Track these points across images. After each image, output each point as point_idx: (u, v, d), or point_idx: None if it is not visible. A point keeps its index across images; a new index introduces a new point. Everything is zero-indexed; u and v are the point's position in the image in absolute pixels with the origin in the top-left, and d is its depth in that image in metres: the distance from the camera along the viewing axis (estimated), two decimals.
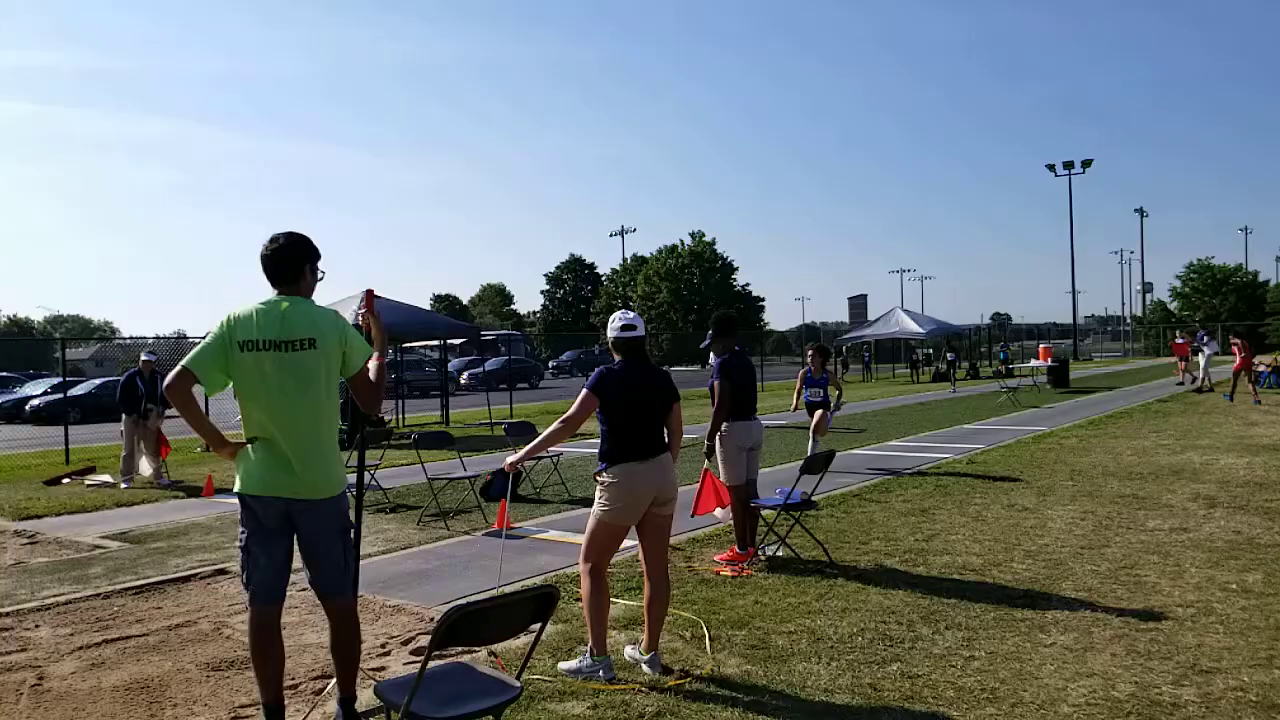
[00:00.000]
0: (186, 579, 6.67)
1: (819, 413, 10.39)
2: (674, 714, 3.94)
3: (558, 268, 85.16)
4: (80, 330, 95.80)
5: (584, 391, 4.38)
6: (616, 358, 4.50)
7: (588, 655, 4.38)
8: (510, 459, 4.67)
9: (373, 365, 3.76)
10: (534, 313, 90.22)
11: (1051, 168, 60.90)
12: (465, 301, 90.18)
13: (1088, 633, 4.90)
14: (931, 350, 45.54)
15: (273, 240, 3.67)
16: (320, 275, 3.80)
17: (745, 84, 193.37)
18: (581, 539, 7.38)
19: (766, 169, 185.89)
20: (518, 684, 3.07)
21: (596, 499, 4.42)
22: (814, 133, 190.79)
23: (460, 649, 4.59)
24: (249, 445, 3.57)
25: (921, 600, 5.58)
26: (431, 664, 2.92)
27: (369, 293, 4.11)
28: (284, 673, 3.72)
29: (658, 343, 52.07)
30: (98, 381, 29.84)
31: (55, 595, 6.27)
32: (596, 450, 4.59)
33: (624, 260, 77.98)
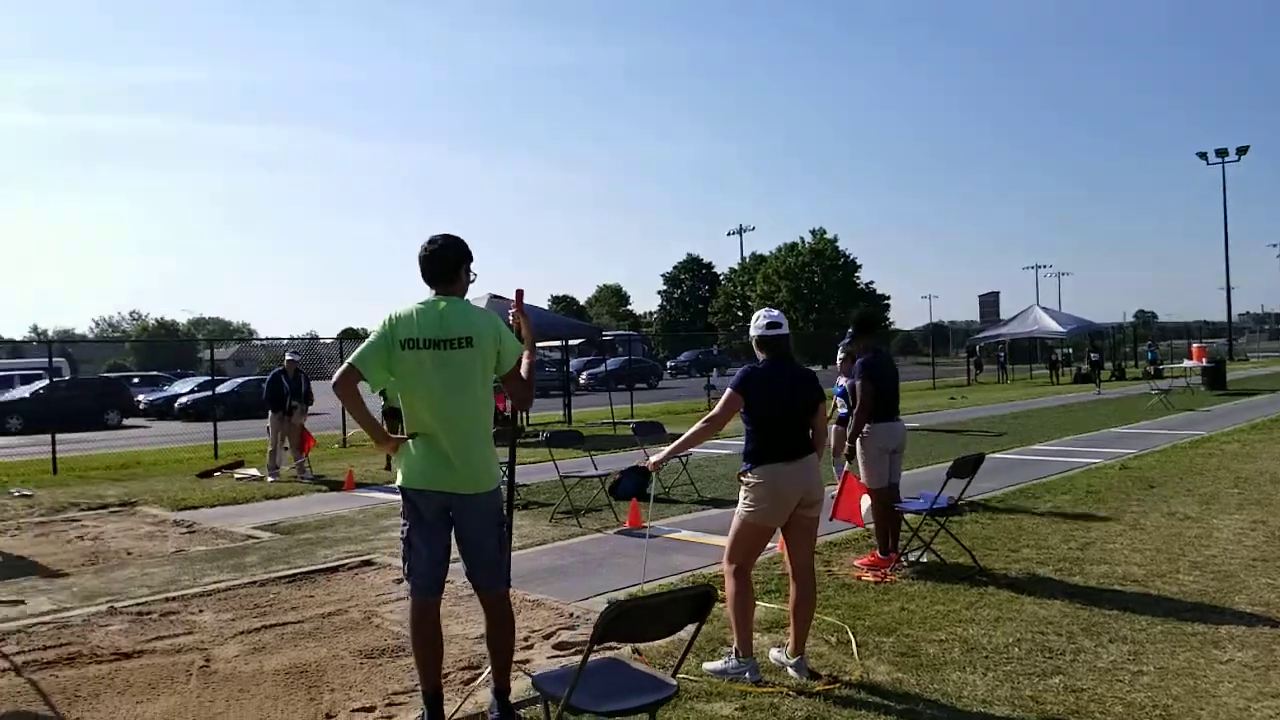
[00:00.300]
0: (335, 569, 6.99)
1: (833, 428, 8.72)
2: (825, 719, 3.89)
3: (675, 267, 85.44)
4: (220, 332, 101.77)
5: (728, 391, 4.37)
6: (760, 356, 4.47)
7: (733, 656, 4.36)
8: (653, 458, 4.69)
9: (524, 363, 3.86)
10: (650, 313, 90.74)
11: (1203, 155, 57.33)
12: (582, 302, 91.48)
13: (1269, 650, 4.59)
14: (1070, 350, 43.57)
15: (431, 242, 3.80)
16: (473, 277, 3.92)
17: (873, 72, 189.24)
18: (715, 539, 7.41)
19: (892, 162, 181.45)
20: (673, 682, 3.08)
21: (741, 499, 4.40)
22: (945, 122, 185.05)
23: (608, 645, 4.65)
24: (409, 441, 3.71)
25: (1080, 611, 5.34)
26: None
27: (519, 292, 4.20)
28: (455, 660, 3.85)
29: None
30: (239, 380, 31.67)
31: (215, 582, 6.67)
32: (724, 450, 4.58)
33: (742, 259, 77.58)
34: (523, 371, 3.84)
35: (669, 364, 54.49)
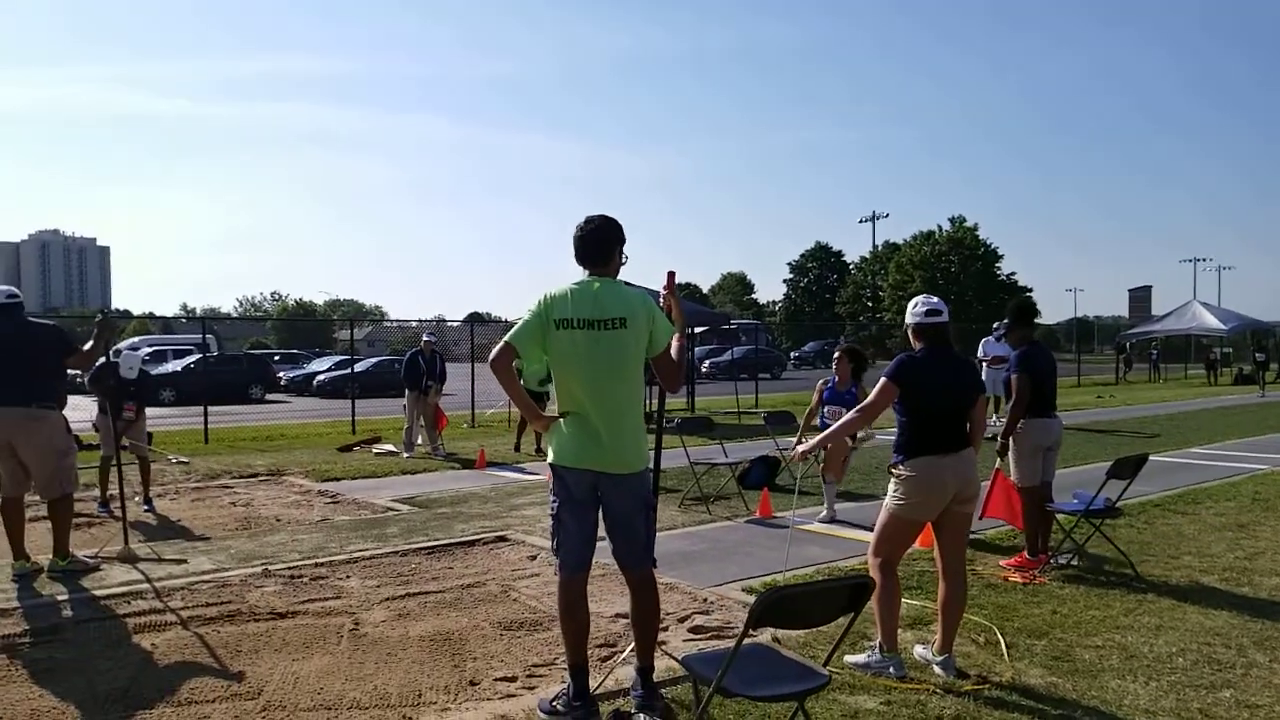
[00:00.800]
0: (471, 543, 7.24)
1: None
2: (974, 718, 3.80)
3: (802, 255, 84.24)
4: (354, 313, 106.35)
5: (883, 380, 4.30)
6: (917, 345, 4.38)
7: (877, 651, 4.31)
8: (800, 447, 4.65)
9: (674, 345, 3.90)
10: (775, 302, 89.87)
11: None
12: (705, 290, 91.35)
13: None
14: (1230, 350, 40.93)
15: (587, 222, 3.87)
16: (625, 259, 3.97)
17: (1019, 58, 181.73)
18: (848, 532, 7.32)
19: (1039, 150, 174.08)
20: (825, 673, 3.07)
21: (890, 492, 4.33)
22: (1098, 110, 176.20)
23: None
24: (561, 419, 3.80)
25: (1251, 623, 5.04)
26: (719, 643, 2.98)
27: (671, 274, 4.23)
28: (589, 637, 3.94)
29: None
30: (372, 360, 33.02)
31: (360, 550, 7.01)
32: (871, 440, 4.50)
33: (874, 247, 75.83)
34: (673, 353, 3.88)
35: (793, 354, 53.91)
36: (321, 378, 31.80)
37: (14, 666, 4.54)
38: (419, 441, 13.41)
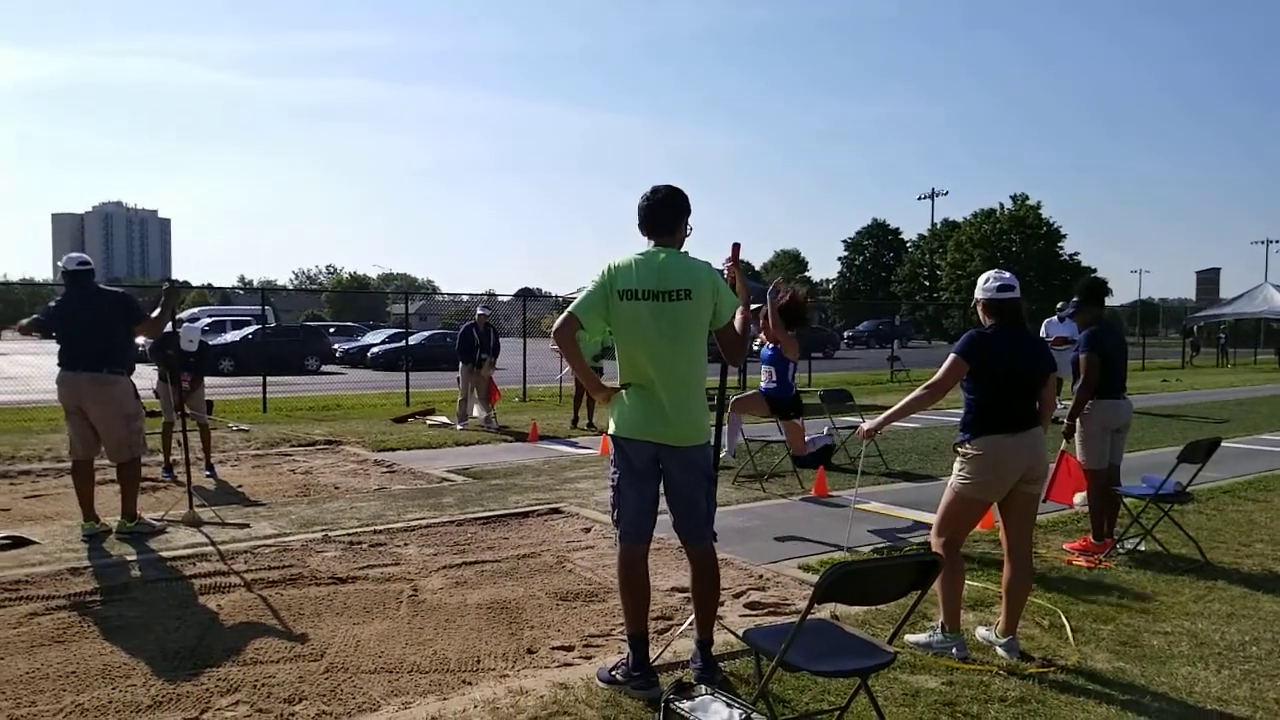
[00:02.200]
0: (526, 515, 7.31)
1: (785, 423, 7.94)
2: (1039, 702, 3.75)
3: (858, 233, 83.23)
4: (407, 287, 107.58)
5: (951, 356, 4.22)
6: (987, 321, 4.29)
7: (938, 630, 4.27)
8: (866, 425, 4.59)
9: (738, 318, 3.87)
10: (829, 280, 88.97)
11: None
12: (758, 267, 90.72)
13: None
14: None
15: (654, 192, 3.84)
16: (689, 230, 3.95)
17: (1087, 29, 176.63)
18: (906, 512, 7.25)
19: (1104, 124, 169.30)
20: (890, 650, 3.05)
21: (956, 471, 4.27)
22: (1167, 80, 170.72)
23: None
24: (623, 390, 3.80)
25: None
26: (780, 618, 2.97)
27: (735, 246, 4.19)
28: (649, 607, 3.96)
29: (966, 315, 49.46)
30: (425, 334, 33.37)
31: (417, 519, 7.11)
32: (911, 425, 4.43)
33: (933, 225, 74.61)
34: (737, 327, 3.85)
35: (846, 334, 53.38)
36: (375, 350, 32.24)
37: (85, 623, 4.70)
38: (473, 414, 13.55)
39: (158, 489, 8.34)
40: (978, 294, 4.32)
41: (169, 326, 7.36)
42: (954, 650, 4.18)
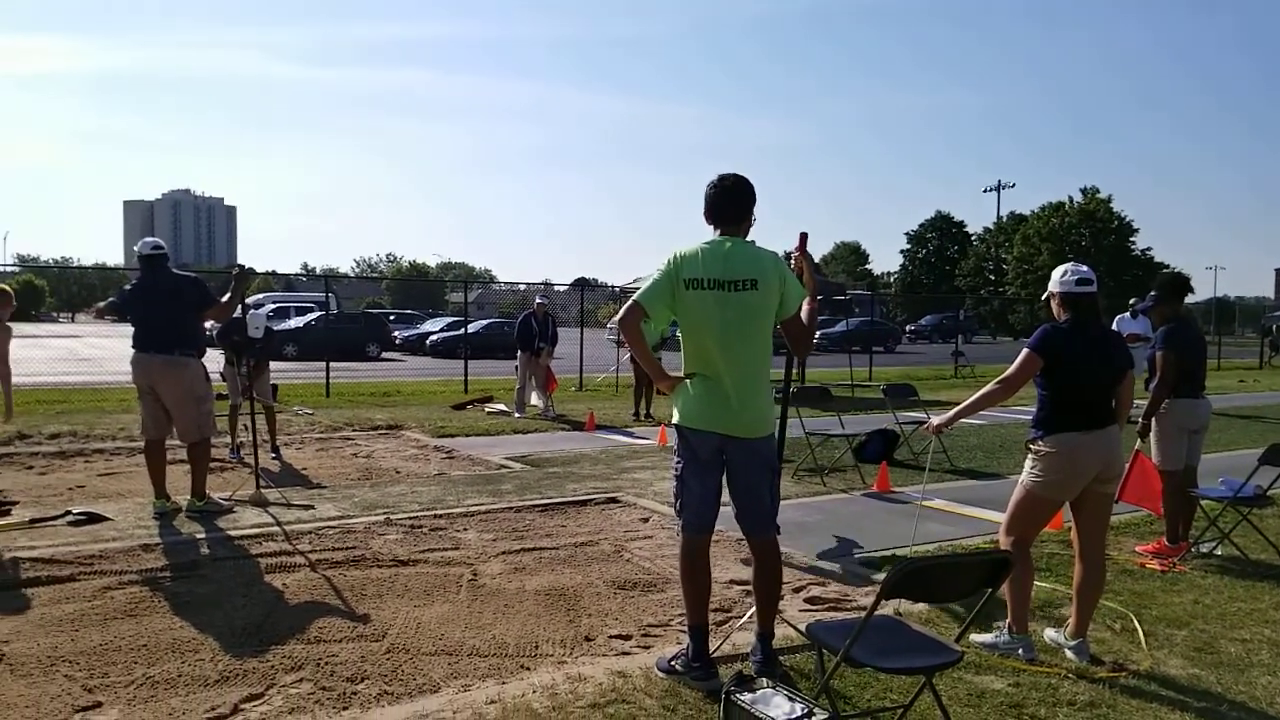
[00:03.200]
0: (584, 503, 7.34)
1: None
2: (1110, 707, 3.66)
3: (921, 225, 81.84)
4: (464, 276, 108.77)
5: (1025, 351, 4.12)
6: (1062, 315, 4.18)
7: (1005, 631, 4.19)
8: (935, 420, 4.50)
9: (805, 309, 3.83)
10: (890, 273, 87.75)
11: None
12: (818, 259, 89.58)
13: None
14: None
15: (722, 179, 3.80)
16: (754, 219, 3.91)
17: (1158, 17, 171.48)
18: (971, 510, 7.13)
19: (1178, 116, 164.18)
20: (958, 649, 3.00)
21: (1028, 469, 4.18)
22: (1238, 70, 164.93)
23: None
24: (687, 380, 3.78)
25: None
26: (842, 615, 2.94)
27: (803, 236, 4.15)
28: (710, 598, 3.95)
29: (1033, 311, 48.48)
30: (482, 322, 33.74)
31: (476, 504, 7.19)
32: (978, 421, 4.32)
33: (998, 218, 73.11)
34: (804, 318, 3.81)
35: (909, 328, 52.65)
36: (434, 338, 32.70)
37: (156, 598, 4.84)
38: (531, 401, 13.65)
39: (225, 470, 8.55)
40: (1053, 287, 4.21)
41: (237, 312, 7.53)
42: (1021, 651, 4.10)
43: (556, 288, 35.42)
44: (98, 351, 28.80)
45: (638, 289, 3.83)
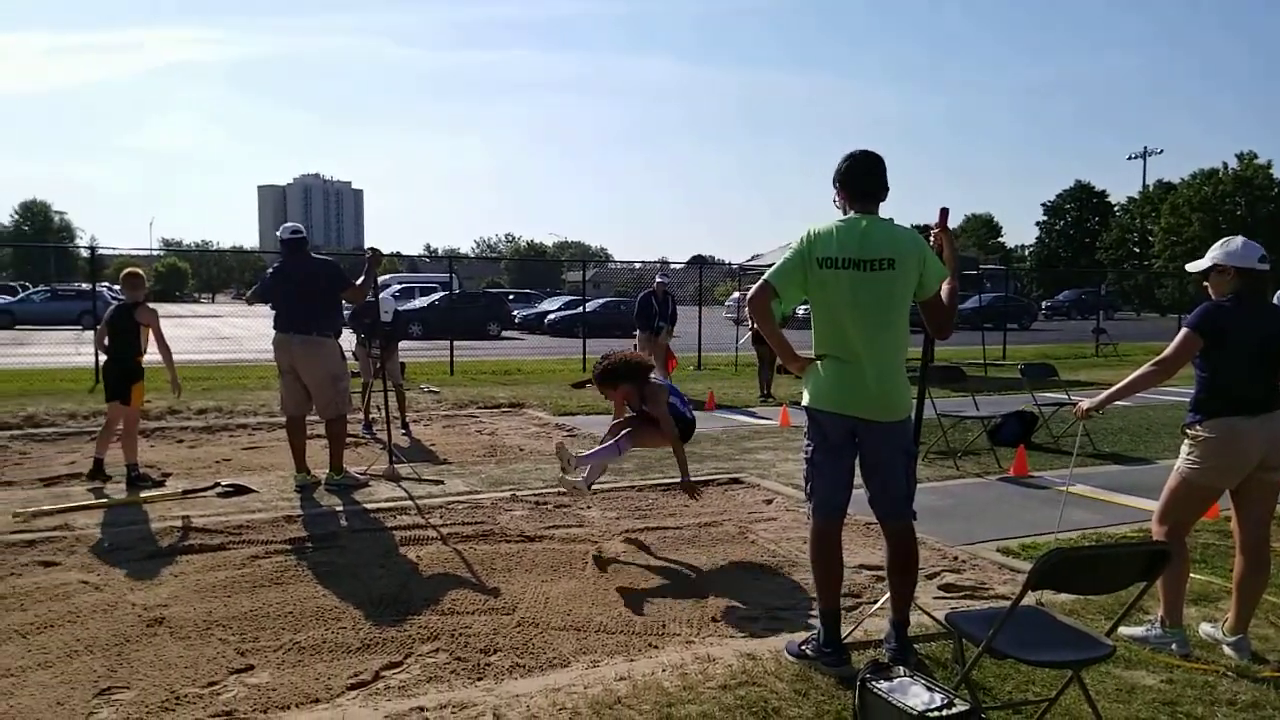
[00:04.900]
0: (705, 483, 7.36)
1: None
2: (1275, 709, 3.47)
3: (1059, 196, 78.27)
4: (580, 255, 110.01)
5: (1184, 331, 3.91)
6: (1223, 291, 3.94)
7: (1157, 624, 4.02)
8: (1085, 403, 4.32)
9: (945, 289, 3.73)
10: (1024, 246, 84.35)
11: None
12: None
13: None
14: None
15: (856, 156, 3.72)
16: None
17: None
18: (1117, 497, 6.83)
19: None
20: (1109, 642, 2.89)
21: (1184, 455, 3.97)
22: None
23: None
24: (818, 362, 3.73)
25: None
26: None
27: (944, 211, 4.03)
28: (842, 583, 3.92)
29: (1181, 286, 45.75)
30: (599, 301, 34.11)
31: (598, 483, 7.29)
32: (1123, 402, 4.10)
33: (1144, 187, 69.31)
34: (944, 297, 3.71)
35: (1044, 304, 50.60)
36: (552, 317, 33.33)
37: (300, 567, 5.12)
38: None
39: (359, 445, 8.94)
40: (1222, 260, 3.94)
41: (370, 295, 7.84)
42: (1174, 646, 3.93)
43: (673, 265, 35.50)
44: (238, 331, 30.37)
45: (755, 266, 3.80)
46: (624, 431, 5.85)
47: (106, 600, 4.57)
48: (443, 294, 29.77)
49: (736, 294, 25.47)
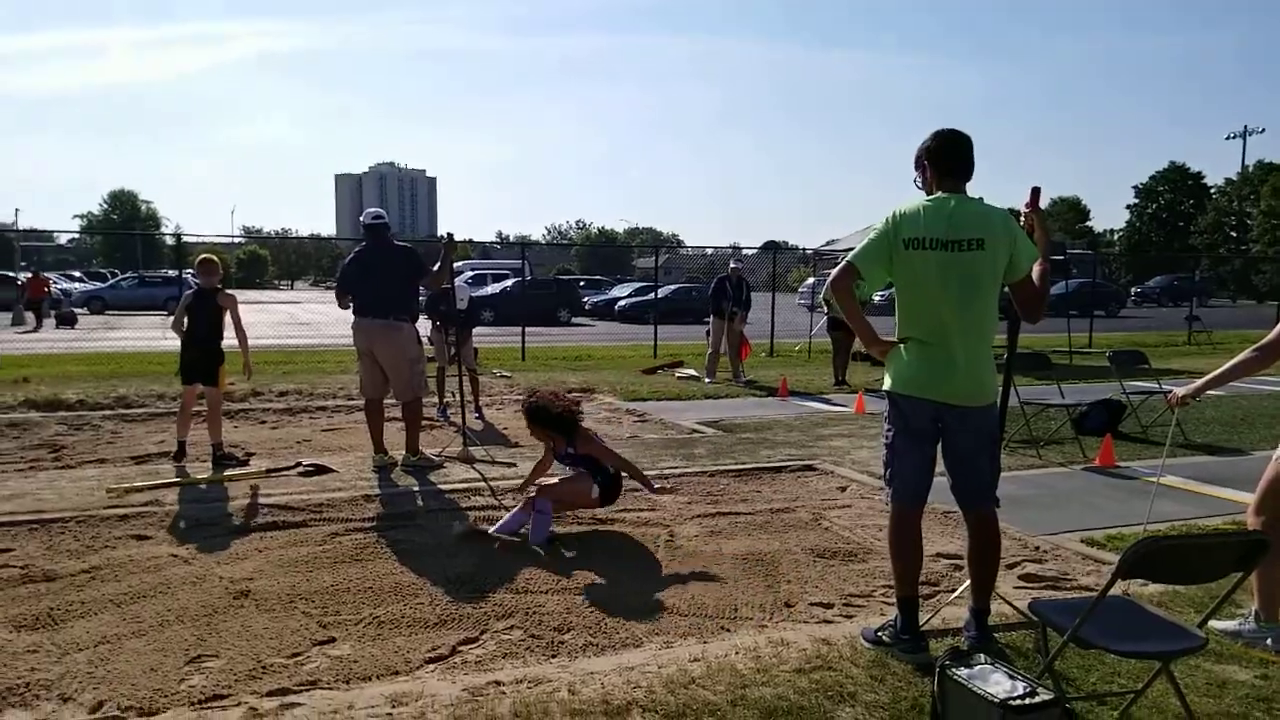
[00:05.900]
0: (778, 469, 7.35)
1: None
2: None
3: (1151, 178, 75.65)
4: (652, 241, 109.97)
5: None
6: None
7: (1251, 619, 3.90)
8: (1180, 391, 4.18)
9: (1036, 271, 3.65)
10: (1114, 230, 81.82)
11: None
12: None
13: None
14: None
15: (940, 134, 3.65)
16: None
17: None
18: (1209, 489, 6.63)
19: None
20: (1201, 634, 2.82)
21: None
22: None
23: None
24: (902, 345, 3.68)
25: None
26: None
27: (1035, 191, 3.93)
28: (920, 571, 3.88)
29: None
30: (670, 287, 34.12)
31: (670, 468, 7.34)
32: (1217, 390, 3.95)
33: (1244, 168, 66.59)
34: (1035, 280, 3.63)
35: (1134, 290, 49.08)
36: (623, 303, 33.44)
37: (379, 545, 5.25)
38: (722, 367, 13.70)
39: (434, 428, 9.11)
40: None
41: (445, 282, 7.97)
42: (1270, 641, 3.81)
43: (746, 251, 35.31)
44: (316, 316, 31.15)
45: (830, 251, 3.77)
46: (538, 489, 5.68)
47: (195, 573, 4.76)
48: (515, 280, 30.11)
49: (811, 280, 25.23)
